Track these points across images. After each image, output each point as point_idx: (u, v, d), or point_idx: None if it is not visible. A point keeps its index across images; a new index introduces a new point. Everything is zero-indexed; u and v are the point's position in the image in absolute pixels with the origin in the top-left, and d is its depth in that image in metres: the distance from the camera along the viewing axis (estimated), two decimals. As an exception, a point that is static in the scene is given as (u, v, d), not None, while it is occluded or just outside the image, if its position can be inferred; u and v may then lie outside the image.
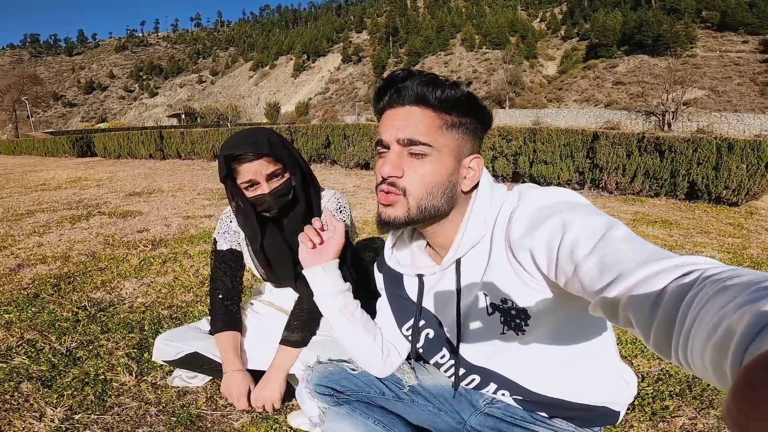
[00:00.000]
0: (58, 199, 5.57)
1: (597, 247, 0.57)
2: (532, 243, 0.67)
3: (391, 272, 0.97)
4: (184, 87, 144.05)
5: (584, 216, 0.63)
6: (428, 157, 0.74)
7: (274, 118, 51.06)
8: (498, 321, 0.80)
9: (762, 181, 4.82)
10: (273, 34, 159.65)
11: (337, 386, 1.04)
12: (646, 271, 0.48)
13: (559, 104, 61.42)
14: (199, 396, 1.48)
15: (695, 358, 0.37)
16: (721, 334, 0.33)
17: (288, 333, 1.32)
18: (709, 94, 51.56)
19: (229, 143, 1.19)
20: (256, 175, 1.18)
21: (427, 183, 0.75)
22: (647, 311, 0.45)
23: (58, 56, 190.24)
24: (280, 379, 1.30)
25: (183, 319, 2.07)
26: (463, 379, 0.92)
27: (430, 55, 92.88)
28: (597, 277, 0.54)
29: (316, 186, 1.35)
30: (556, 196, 0.72)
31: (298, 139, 8.87)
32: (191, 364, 1.44)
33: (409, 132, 0.73)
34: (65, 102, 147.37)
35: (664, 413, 1.36)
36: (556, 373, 0.84)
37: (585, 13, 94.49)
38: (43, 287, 2.46)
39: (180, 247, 3.22)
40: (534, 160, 6.21)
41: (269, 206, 1.22)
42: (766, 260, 3.00)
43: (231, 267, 1.41)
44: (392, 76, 0.75)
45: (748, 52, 60.99)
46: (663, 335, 0.43)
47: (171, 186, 6.63)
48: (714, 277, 0.40)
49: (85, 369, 1.62)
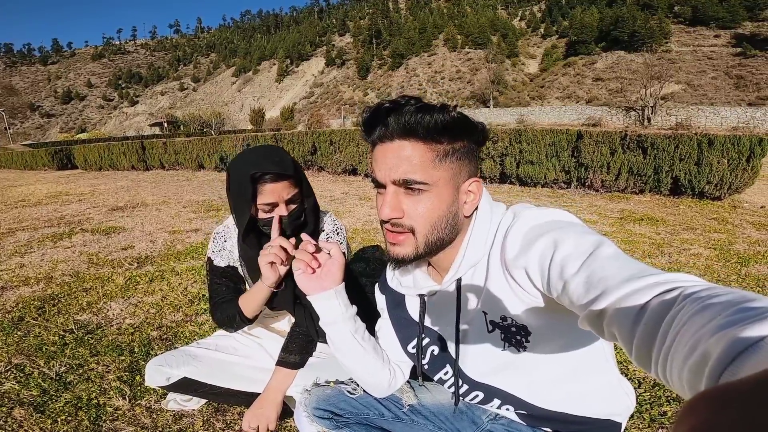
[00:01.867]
0: (39, 216, 5.42)
1: (584, 264, 0.58)
2: (526, 261, 0.68)
3: (393, 293, 0.97)
4: (166, 95, 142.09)
5: (575, 235, 0.64)
6: (426, 193, 0.73)
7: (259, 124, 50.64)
8: (498, 338, 0.80)
9: (744, 175, 4.94)
10: (255, 39, 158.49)
11: (335, 409, 1.03)
12: (629, 287, 0.49)
13: (541, 102, 62.25)
14: (196, 419, 1.45)
15: (674, 377, 0.37)
16: (698, 356, 0.34)
17: (285, 354, 1.29)
18: (685, 89, 52.77)
19: (250, 160, 1.13)
20: (278, 197, 1.15)
21: (429, 219, 0.75)
22: (629, 326, 0.46)
23: (33, 66, 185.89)
24: (277, 401, 1.28)
25: (173, 339, 2.02)
26: (467, 396, 0.92)
27: (414, 56, 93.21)
28: (584, 293, 0.56)
29: (319, 210, 1.34)
30: (548, 215, 0.73)
31: (284, 147, 8.82)
32: (184, 388, 1.41)
33: (403, 171, 0.72)
34: (42, 113, 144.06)
35: (662, 419, 1.37)
36: (559, 388, 0.85)
37: (563, 10, 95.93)
38: (27, 310, 2.38)
39: (167, 264, 3.16)
40: (520, 160, 6.27)
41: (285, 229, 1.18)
42: (753, 255, 3.06)
43: (232, 281, 1.36)
44: (377, 110, 0.73)
45: (720, 46, 62.61)
46: (644, 350, 0.44)
47: (155, 199, 6.51)
48: (694, 296, 0.41)
49: (77, 393, 1.59)
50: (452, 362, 0.90)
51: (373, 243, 3.52)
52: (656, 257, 3.06)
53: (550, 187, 6.16)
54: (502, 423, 0.94)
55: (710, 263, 2.92)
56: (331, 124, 45.27)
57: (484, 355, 0.85)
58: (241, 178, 1.13)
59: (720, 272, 2.75)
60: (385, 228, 0.78)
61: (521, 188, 6.28)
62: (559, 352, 0.80)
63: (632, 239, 3.50)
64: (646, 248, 3.26)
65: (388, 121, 0.72)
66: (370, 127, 0.74)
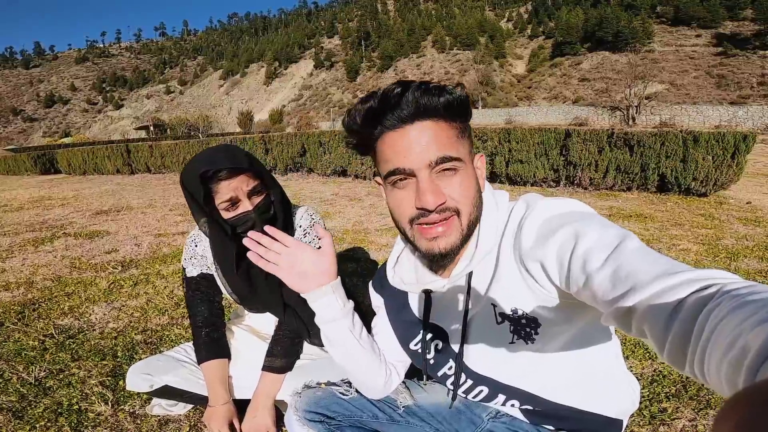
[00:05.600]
0: (20, 221, 5.28)
1: (610, 258, 0.56)
2: (543, 253, 0.66)
3: (394, 291, 0.93)
4: (152, 98, 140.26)
5: (596, 227, 0.62)
6: (460, 171, 0.70)
7: (247, 127, 50.25)
8: (507, 330, 0.78)
9: (729, 171, 5.01)
10: (243, 42, 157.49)
11: (327, 412, 0.99)
12: (662, 284, 0.48)
13: (529, 102, 62.83)
14: (182, 425, 1.40)
15: (712, 373, 0.36)
16: (737, 350, 0.33)
17: (271, 359, 1.25)
18: (668, 88, 53.68)
19: (201, 160, 1.09)
20: (237, 191, 1.10)
21: (469, 195, 0.72)
22: (663, 323, 0.45)
23: (15, 69, 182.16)
24: (269, 406, 1.24)
25: (159, 343, 1.96)
26: (470, 392, 0.89)
27: (403, 58, 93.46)
28: (610, 288, 0.54)
29: (289, 202, 1.29)
30: (565, 206, 0.71)
31: (273, 149, 8.73)
32: (168, 395, 1.36)
33: (436, 150, 0.67)
34: (25, 117, 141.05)
35: (663, 416, 1.35)
36: (565, 382, 0.83)
37: (549, 11, 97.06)
38: (7, 315, 2.32)
39: (152, 268, 3.08)
40: (510, 159, 6.29)
41: (254, 224, 1.13)
42: (741, 250, 3.09)
43: (205, 293, 1.32)
44: (387, 95, 0.67)
45: (702, 45, 63.86)
46: (678, 347, 0.43)
47: (141, 203, 6.39)
48: (733, 293, 0.40)
49: (56, 399, 1.54)
50: (456, 357, 0.88)
51: (364, 243, 3.48)
52: (646, 252, 3.08)
53: (540, 186, 6.18)
54: (503, 421, 0.91)
55: (699, 258, 2.94)
56: (321, 126, 45.09)
57: (491, 348, 0.82)
58: (193, 182, 1.07)
59: (710, 267, 2.76)
60: (420, 224, 0.71)
61: (511, 187, 6.29)
62: (567, 345, 0.79)
63: (622, 235, 3.51)
64: (636, 244, 3.27)
65: (401, 104, 0.66)
66: (380, 114, 0.68)
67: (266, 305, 1.29)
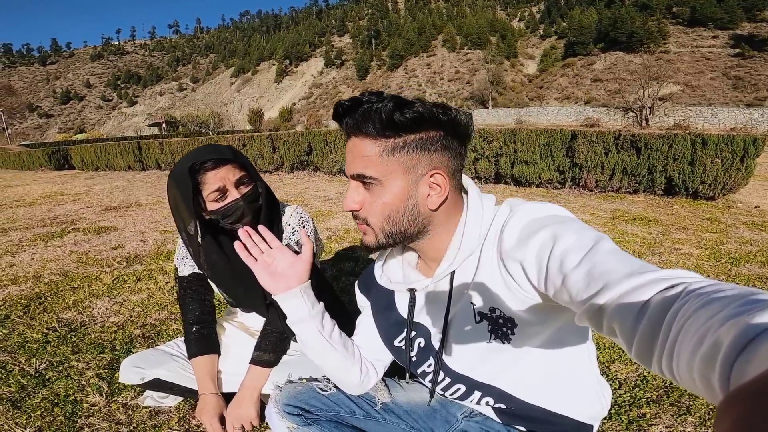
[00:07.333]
0: (33, 216, 5.40)
1: (585, 258, 0.58)
2: (523, 254, 0.68)
3: (381, 290, 0.96)
4: (164, 95, 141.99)
5: (575, 229, 0.65)
6: (377, 187, 0.76)
7: (257, 124, 50.57)
8: (485, 329, 0.80)
9: (737, 175, 4.93)
10: (254, 40, 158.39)
11: (306, 406, 1.02)
12: (631, 283, 0.49)
13: (540, 102, 62.27)
14: (172, 416, 1.44)
15: (682, 369, 0.37)
16: (708, 346, 0.33)
17: (259, 353, 1.29)
18: (683, 89, 52.83)
19: (188, 156, 1.14)
20: (225, 180, 1.14)
21: (382, 212, 0.77)
22: (631, 321, 0.46)
23: (32, 66, 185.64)
24: (254, 398, 1.27)
25: (156, 338, 2.01)
26: (448, 389, 0.91)
27: (413, 56, 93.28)
28: (584, 287, 0.55)
29: (276, 199, 1.32)
30: (547, 210, 0.74)
31: (280, 147, 8.80)
32: (159, 387, 1.40)
33: (355, 166, 0.76)
34: (41, 113, 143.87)
35: (640, 421, 1.35)
36: (538, 382, 0.85)
37: (561, 11, 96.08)
38: (14, 309, 2.38)
39: (156, 264, 3.15)
40: (515, 160, 6.26)
41: (243, 213, 1.17)
42: (744, 255, 3.05)
43: (197, 292, 1.37)
44: (335, 111, 0.76)
45: (718, 46, 62.70)
46: (646, 345, 0.44)
47: (149, 199, 6.49)
48: (698, 291, 0.41)
49: (54, 390, 1.59)
50: (435, 355, 0.90)
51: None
52: (647, 256, 3.05)
53: (545, 187, 6.15)
54: (477, 420, 0.94)
55: (700, 263, 2.91)
56: (330, 124, 45.31)
57: (468, 346, 0.85)
58: (181, 176, 1.13)
59: (710, 271, 2.74)
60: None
61: (516, 188, 6.27)
62: (542, 347, 0.81)
63: (624, 239, 3.49)
64: (637, 248, 3.25)
65: (342, 120, 0.75)
66: (339, 122, 0.77)
67: (252, 304, 1.32)
